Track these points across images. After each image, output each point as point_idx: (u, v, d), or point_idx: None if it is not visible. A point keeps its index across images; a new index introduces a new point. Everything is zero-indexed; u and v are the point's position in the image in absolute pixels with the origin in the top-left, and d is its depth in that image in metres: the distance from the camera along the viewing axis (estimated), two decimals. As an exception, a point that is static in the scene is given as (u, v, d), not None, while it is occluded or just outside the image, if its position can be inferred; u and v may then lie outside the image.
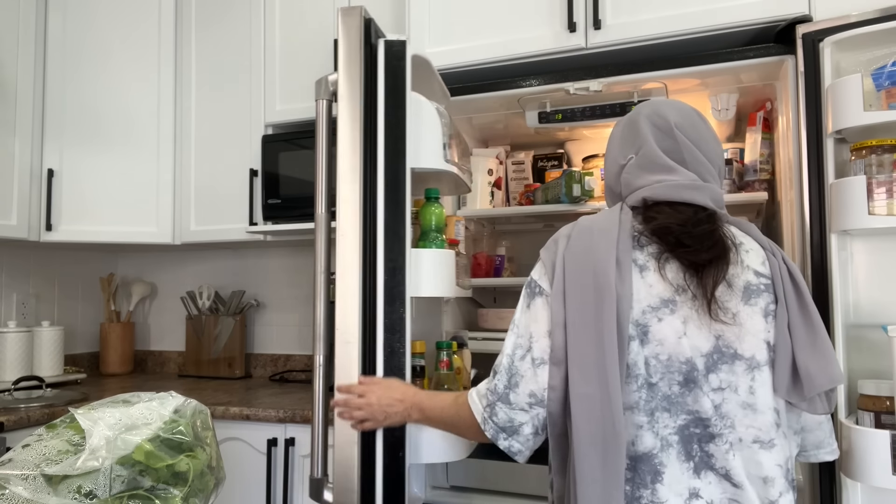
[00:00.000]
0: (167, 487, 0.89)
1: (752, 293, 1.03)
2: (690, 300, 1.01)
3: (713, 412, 0.99)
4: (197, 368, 2.83)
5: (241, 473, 2.11)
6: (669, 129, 1.11)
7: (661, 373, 1.00)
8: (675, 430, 1.00)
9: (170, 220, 2.63)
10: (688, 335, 1.00)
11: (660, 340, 1.00)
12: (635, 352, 1.01)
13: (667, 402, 1.00)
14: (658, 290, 1.02)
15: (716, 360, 1.00)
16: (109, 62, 2.59)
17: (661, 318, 1.01)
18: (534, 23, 1.90)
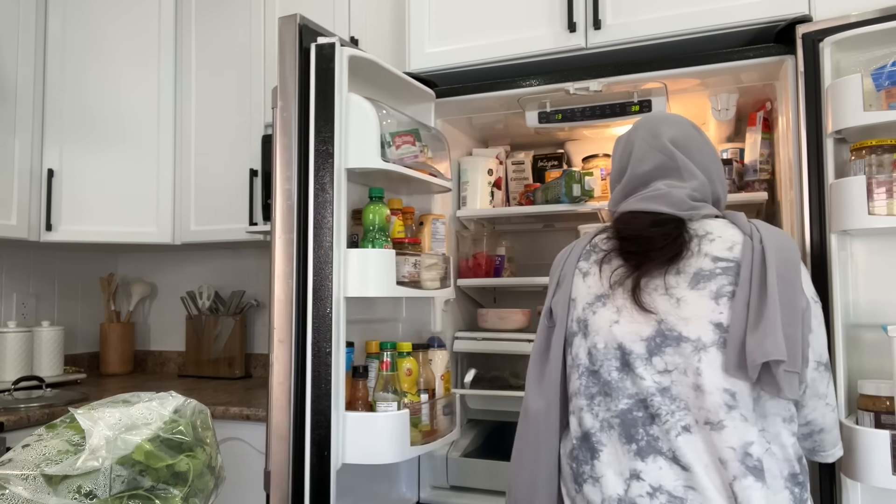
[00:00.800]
0: (167, 487, 0.89)
1: (702, 278, 1.07)
2: (628, 290, 1.10)
3: (654, 394, 1.03)
4: (197, 368, 2.83)
5: (241, 473, 2.11)
6: (663, 146, 1.20)
7: (600, 360, 1.09)
8: (615, 413, 1.06)
9: (170, 220, 2.63)
10: (620, 322, 1.08)
11: (596, 331, 1.10)
12: (577, 344, 1.13)
13: (607, 388, 1.08)
14: (594, 290, 1.14)
15: (659, 344, 1.05)
16: (109, 62, 2.59)
17: (596, 311, 1.12)
18: (534, 23, 1.90)
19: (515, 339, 2.05)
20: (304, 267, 1.51)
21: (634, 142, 1.24)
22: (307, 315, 1.49)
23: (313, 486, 1.45)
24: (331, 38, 1.55)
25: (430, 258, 1.73)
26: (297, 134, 1.52)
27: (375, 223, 1.60)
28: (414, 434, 1.59)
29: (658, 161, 1.20)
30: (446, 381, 1.80)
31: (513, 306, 2.23)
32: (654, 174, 1.19)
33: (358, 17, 2.37)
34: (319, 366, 1.48)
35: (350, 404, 1.56)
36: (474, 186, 2.24)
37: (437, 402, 1.75)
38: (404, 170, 1.63)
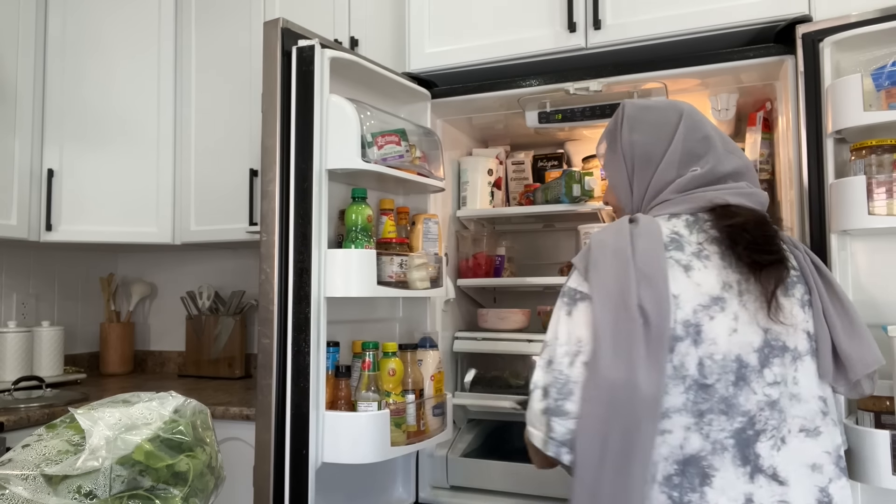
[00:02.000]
0: (167, 487, 0.89)
1: (789, 285, 1.05)
2: (737, 296, 1.01)
3: (763, 408, 0.98)
4: (197, 368, 2.83)
5: (241, 473, 2.11)
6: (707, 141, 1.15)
7: (716, 373, 0.98)
8: (731, 433, 0.97)
9: (170, 220, 2.63)
10: (739, 332, 0.99)
11: (713, 339, 0.98)
12: (683, 352, 0.98)
13: (724, 405, 0.97)
14: (707, 288, 1.01)
15: (767, 355, 1.00)
16: (109, 62, 2.59)
17: (713, 316, 0.99)
18: (534, 23, 1.90)
19: (515, 339, 2.05)
20: (285, 268, 1.53)
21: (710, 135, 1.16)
22: (287, 315, 1.51)
23: (292, 484, 1.48)
24: (311, 41, 1.56)
25: (418, 258, 1.73)
26: (279, 136, 1.54)
27: (357, 223, 1.61)
28: (396, 434, 1.60)
29: (738, 164, 1.15)
30: (437, 382, 1.80)
31: (513, 306, 2.23)
32: (731, 175, 1.13)
33: (358, 17, 2.37)
34: (299, 365, 1.50)
35: (332, 404, 1.57)
36: (474, 186, 2.24)
37: (426, 402, 1.74)
38: (386, 170, 1.64)
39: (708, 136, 1.15)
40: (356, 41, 2.36)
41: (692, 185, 1.11)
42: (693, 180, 1.11)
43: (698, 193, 1.10)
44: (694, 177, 1.12)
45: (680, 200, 1.11)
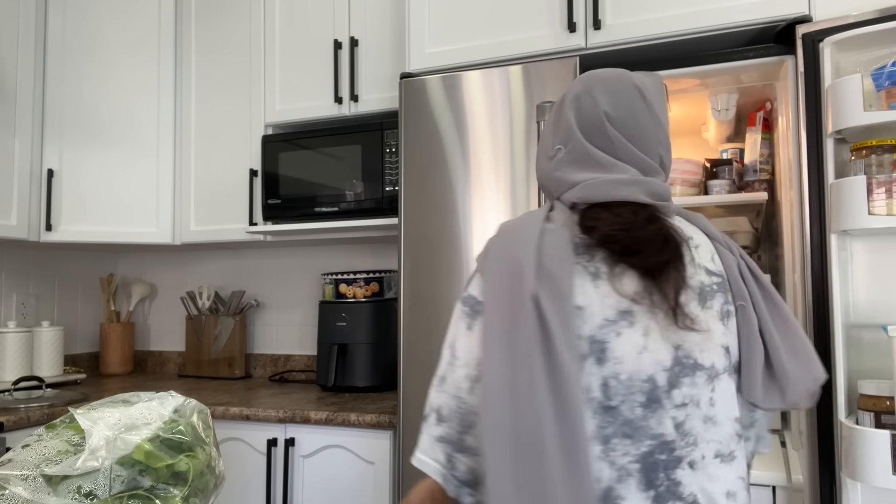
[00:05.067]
0: (167, 487, 0.89)
1: (706, 295, 0.91)
2: (648, 309, 0.87)
3: (675, 433, 0.86)
4: (197, 368, 2.83)
5: (241, 473, 2.11)
6: (600, 122, 0.95)
7: (621, 395, 0.85)
8: (636, 457, 0.85)
9: (170, 220, 2.64)
10: (649, 349, 0.87)
11: (619, 358, 0.86)
12: (588, 373, 0.85)
13: (629, 428, 0.85)
14: (614, 301, 0.87)
15: (677, 374, 0.87)
16: (109, 62, 2.59)
17: (620, 332, 0.86)
18: (534, 23, 1.90)
19: None
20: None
21: (564, 105, 1.00)
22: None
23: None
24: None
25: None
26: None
27: None
28: None
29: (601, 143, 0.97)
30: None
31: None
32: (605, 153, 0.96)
33: (358, 17, 2.37)
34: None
35: None
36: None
37: None
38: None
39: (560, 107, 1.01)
40: (356, 41, 2.36)
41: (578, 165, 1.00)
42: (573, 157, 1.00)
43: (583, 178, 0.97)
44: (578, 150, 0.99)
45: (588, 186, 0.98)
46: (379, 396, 2.27)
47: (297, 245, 2.83)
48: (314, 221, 2.37)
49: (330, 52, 2.41)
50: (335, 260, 2.78)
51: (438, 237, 1.88)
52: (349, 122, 2.42)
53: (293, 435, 2.04)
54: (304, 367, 2.78)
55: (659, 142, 0.96)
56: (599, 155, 0.94)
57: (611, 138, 0.94)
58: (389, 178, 2.25)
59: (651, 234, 0.88)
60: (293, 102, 2.47)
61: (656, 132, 0.96)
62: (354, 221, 2.30)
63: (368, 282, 2.40)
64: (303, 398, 2.25)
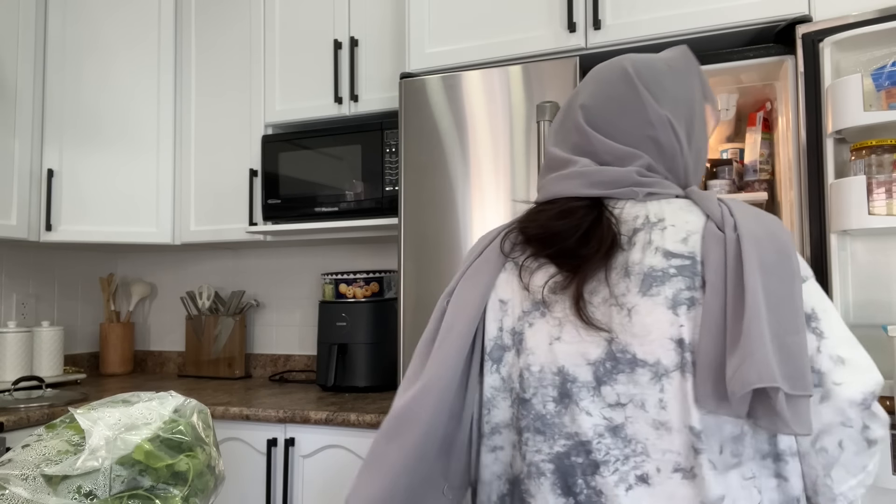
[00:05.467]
0: (167, 487, 0.89)
1: (654, 280, 0.80)
2: (570, 297, 0.83)
3: (602, 434, 0.78)
4: (197, 368, 2.83)
5: (241, 473, 2.11)
6: (574, 117, 0.92)
7: (533, 387, 0.83)
8: (549, 457, 0.80)
9: (170, 220, 2.64)
10: (563, 339, 0.82)
11: (531, 349, 0.84)
12: (510, 363, 0.86)
13: (540, 423, 0.82)
14: (531, 291, 0.86)
15: (609, 369, 0.79)
16: (109, 62, 2.59)
17: (532, 322, 0.85)
18: (534, 23, 1.90)
19: None
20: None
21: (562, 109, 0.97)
22: None
23: None
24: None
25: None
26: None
27: None
28: None
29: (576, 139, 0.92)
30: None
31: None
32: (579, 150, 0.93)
33: (358, 17, 2.37)
34: None
35: None
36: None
37: None
38: None
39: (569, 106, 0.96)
40: (356, 41, 2.36)
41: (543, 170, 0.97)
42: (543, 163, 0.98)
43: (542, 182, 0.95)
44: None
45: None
46: (379, 396, 2.27)
47: (297, 245, 2.83)
48: (314, 221, 2.37)
49: (330, 52, 2.41)
50: (335, 260, 2.78)
51: (438, 237, 1.88)
52: (349, 122, 2.42)
53: (293, 435, 2.04)
54: (304, 367, 2.78)
55: (648, 123, 0.88)
56: (556, 154, 0.93)
57: (582, 131, 0.91)
58: (389, 178, 2.25)
59: (568, 228, 0.85)
60: (293, 102, 2.47)
61: (643, 114, 0.88)
62: (354, 221, 2.30)
63: (368, 282, 2.40)
64: (303, 398, 2.25)
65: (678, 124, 0.89)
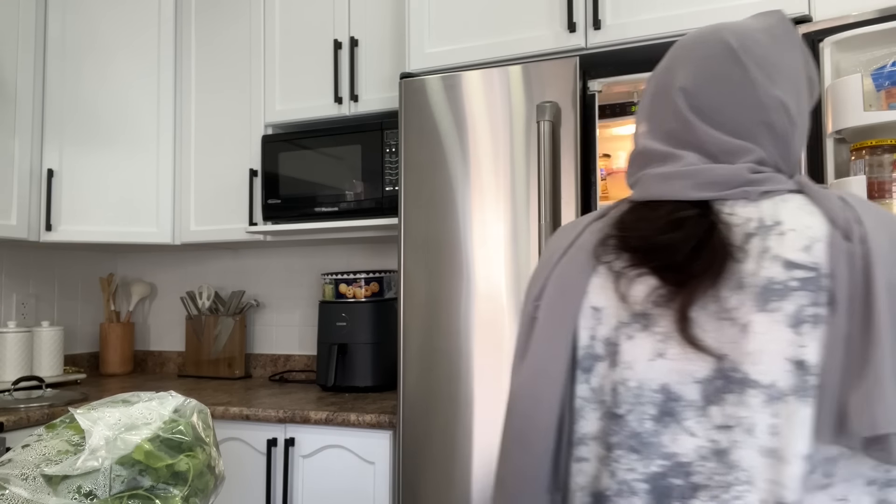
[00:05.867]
0: (167, 487, 0.89)
1: (773, 294, 0.72)
2: (676, 310, 0.77)
3: (706, 457, 0.73)
4: (197, 368, 2.83)
5: (241, 473, 2.11)
6: (671, 102, 0.83)
7: (629, 403, 0.78)
8: (643, 476, 0.76)
9: (170, 220, 2.64)
10: (667, 356, 0.76)
11: (628, 363, 0.78)
12: (602, 374, 0.80)
13: (636, 441, 0.77)
14: (631, 301, 0.80)
15: (719, 388, 0.73)
16: (109, 62, 2.59)
17: (632, 335, 0.79)
18: (533, 23, 1.91)
19: None
20: None
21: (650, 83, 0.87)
22: None
23: None
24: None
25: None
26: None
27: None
28: None
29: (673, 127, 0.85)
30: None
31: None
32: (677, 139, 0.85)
33: (358, 17, 2.37)
34: None
35: None
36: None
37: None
38: None
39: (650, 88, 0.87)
40: (356, 41, 2.36)
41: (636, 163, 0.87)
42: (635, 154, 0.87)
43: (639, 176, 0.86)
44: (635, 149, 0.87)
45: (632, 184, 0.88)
46: (379, 396, 2.27)
47: (297, 245, 2.83)
48: (314, 221, 2.37)
49: (330, 52, 2.41)
50: (335, 260, 2.78)
51: (438, 237, 1.88)
52: (349, 122, 2.42)
53: (293, 435, 2.04)
54: (304, 367, 2.78)
55: (760, 106, 0.80)
56: (653, 147, 0.85)
57: (684, 119, 0.82)
58: (389, 178, 2.25)
59: (677, 241, 0.77)
60: (293, 102, 2.47)
61: (754, 97, 0.80)
62: (354, 221, 2.30)
63: (368, 282, 2.40)
64: (303, 398, 2.25)
65: (791, 105, 0.81)
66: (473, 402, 1.81)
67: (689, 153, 0.81)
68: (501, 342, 1.80)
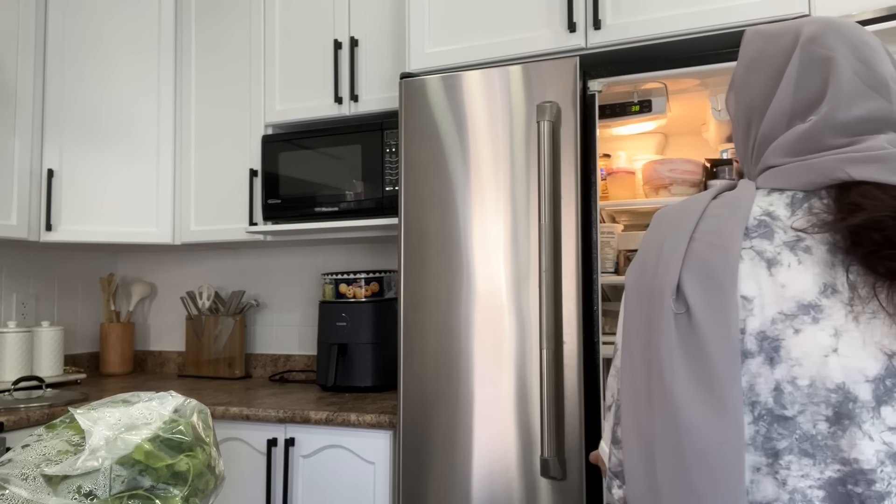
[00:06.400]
0: (167, 487, 0.89)
1: None
2: (846, 305, 0.72)
3: (883, 462, 0.69)
4: (197, 368, 2.83)
5: (241, 473, 2.11)
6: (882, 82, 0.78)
7: (800, 403, 0.72)
8: (819, 483, 0.71)
9: (170, 220, 2.64)
10: (840, 352, 0.72)
11: (797, 359, 0.73)
12: (754, 372, 0.74)
13: (809, 444, 0.72)
14: (794, 292, 0.74)
15: (890, 387, 0.70)
16: (109, 62, 2.59)
17: (800, 328, 0.73)
18: (534, 23, 1.91)
19: None
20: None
21: (836, 61, 0.79)
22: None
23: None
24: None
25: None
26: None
27: None
28: None
29: (876, 107, 0.77)
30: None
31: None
32: (865, 125, 0.77)
33: (358, 17, 2.37)
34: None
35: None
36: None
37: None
38: None
39: (830, 61, 0.79)
40: (356, 41, 2.36)
41: (799, 147, 0.79)
42: (799, 139, 0.79)
43: (811, 161, 0.78)
44: (800, 133, 0.79)
45: (786, 170, 0.80)
46: (379, 396, 2.27)
47: (297, 245, 2.83)
48: (314, 221, 2.37)
49: (330, 52, 2.41)
50: (335, 260, 2.78)
51: (438, 237, 1.88)
52: (349, 122, 2.42)
53: (293, 435, 2.04)
54: (304, 367, 2.78)
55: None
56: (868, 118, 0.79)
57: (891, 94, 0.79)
58: (389, 178, 2.25)
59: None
60: (293, 102, 2.47)
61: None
62: (354, 221, 2.30)
63: (368, 282, 2.40)
64: (303, 398, 2.25)
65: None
66: (473, 402, 1.81)
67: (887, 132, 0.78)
68: (501, 342, 1.80)
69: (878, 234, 0.70)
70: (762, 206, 0.79)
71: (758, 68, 0.85)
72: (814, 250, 0.74)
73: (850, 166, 0.74)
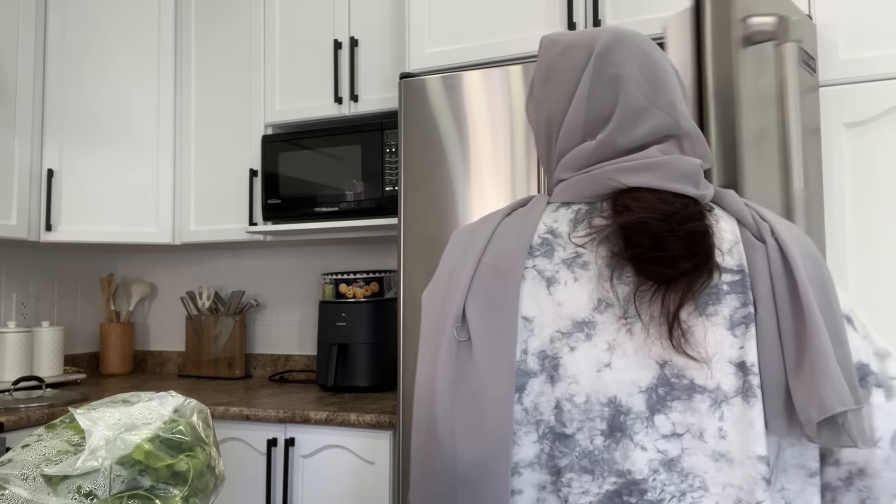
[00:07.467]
0: (167, 487, 0.89)
1: (710, 298, 0.72)
2: (618, 319, 0.73)
3: (657, 470, 0.71)
4: (197, 368, 2.83)
5: (240, 473, 2.11)
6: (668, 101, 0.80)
7: (577, 420, 0.73)
8: (598, 497, 0.72)
9: (169, 220, 2.64)
10: (613, 366, 0.73)
11: (573, 376, 0.73)
12: (537, 391, 0.74)
13: (588, 461, 0.72)
14: (570, 310, 0.75)
15: (662, 396, 0.71)
16: (109, 62, 2.59)
17: (574, 346, 0.74)
18: (534, 23, 1.91)
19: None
20: None
21: (623, 79, 0.79)
22: None
23: None
24: None
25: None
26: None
27: None
28: None
29: (659, 123, 0.79)
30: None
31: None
32: (649, 139, 0.79)
33: (358, 17, 2.37)
34: None
35: None
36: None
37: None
38: None
39: (619, 78, 0.79)
40: (356, 41, 2.36)
41: (584, 162, 0.80)
42: (587, 156, 0.80)
43: (592, 172, 0.79)
44: (588, 151, 0.79)
45: (572, 183, 0.81)
46: (379, 396, 2.27)
47: (297, 245, 2.83)
48: (314, 221, 2.37)
49: (330, 51, 2.41)
50: (335, 260, 2.78)
51: (438, 237, 1.88)
52: (349, 122, 2.42)
53: (293, 435, 2.04)
54: (304, 367, 2.78)
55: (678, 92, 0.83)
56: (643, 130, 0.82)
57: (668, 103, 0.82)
58: (389, 178, 2.25)
59: (688, 233, 0.72)
60: (293, 102, 2.47)
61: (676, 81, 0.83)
62: (354, 221, 2.30)
63: (368, 282, 2.40)
64: (303, 398, 2.25)
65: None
66: (473, 402, 1.81)
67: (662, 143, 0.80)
68: (501, 342, 1.79)
69: (647, 237, 0.71)
70: (547, 223, 0.79)
71: (554, 81, 0.84)
72: (590, 266, 0.75)
73: (624, 175, 0.76)
